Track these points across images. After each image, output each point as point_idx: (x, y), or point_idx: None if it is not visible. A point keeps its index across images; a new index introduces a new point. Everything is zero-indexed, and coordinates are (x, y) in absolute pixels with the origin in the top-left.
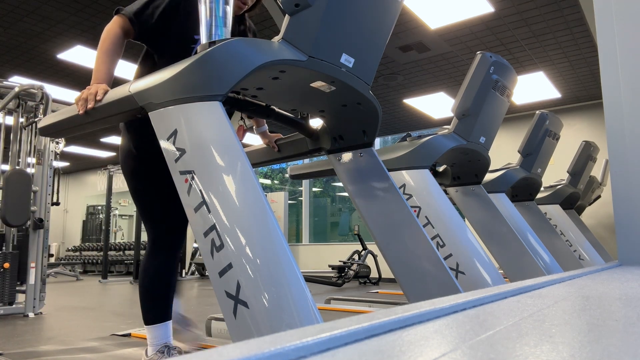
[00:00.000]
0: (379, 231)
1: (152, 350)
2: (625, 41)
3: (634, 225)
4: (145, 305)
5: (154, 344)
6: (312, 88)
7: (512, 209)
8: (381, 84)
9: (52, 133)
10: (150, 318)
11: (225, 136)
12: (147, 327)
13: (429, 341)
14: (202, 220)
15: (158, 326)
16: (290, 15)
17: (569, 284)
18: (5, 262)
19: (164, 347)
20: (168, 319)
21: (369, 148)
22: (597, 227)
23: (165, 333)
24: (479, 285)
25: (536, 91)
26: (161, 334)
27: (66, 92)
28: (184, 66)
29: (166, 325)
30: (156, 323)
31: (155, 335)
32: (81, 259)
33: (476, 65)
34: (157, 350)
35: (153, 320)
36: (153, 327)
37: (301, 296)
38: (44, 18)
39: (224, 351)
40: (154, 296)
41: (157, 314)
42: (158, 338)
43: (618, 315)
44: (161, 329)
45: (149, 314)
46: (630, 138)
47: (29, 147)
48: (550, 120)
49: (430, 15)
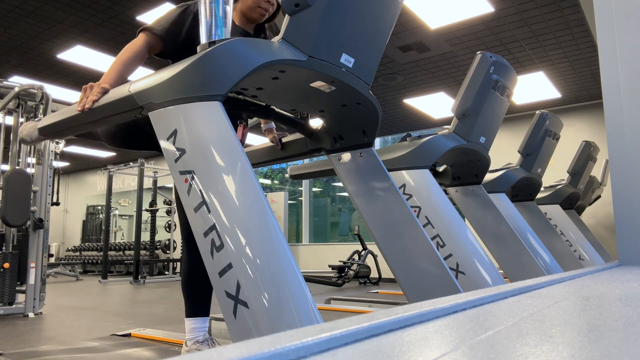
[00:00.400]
0: (379, 231)
1: (192, 341)
2: (625, 41)
3: (634, 225)
4: (190, 298)
5: (194, 336)
6: (312, 88)
7: (512, 209)
8: (381, 84)
9: (52, 133)
10: (192, 311)
11: (225, 136)
12: (188, 319)
13: (429, 341)
14: (202, 220)
15: (199, 319)
16: (290, 15)
17: (569, 284)
18: (5, 262)
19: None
20: (207, 315)
21: (369, 148)
22: (597, 227)
23: (203, 327)
24: (479, 285)
25: (536, 91)
26: (201, 327)
27: (66, 92)
28: (184, 66)
29: (205, 321)
30: (197, 316)
31: (196, 327)
32: (81, 259)
33: (476, 65)
34: (199, 340)
35: (194, 314)
36: (195, 320)
37: (301, 296)
38: (44, 18)
39: (224, 351)
40: (193, 290)
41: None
42: (198, 330)
43: (618, 316)
44: (201, 322)
45: (192, 307)
46: (630, 138)
47: (28, 147)
48: (550, 120)
49: (430, 15)
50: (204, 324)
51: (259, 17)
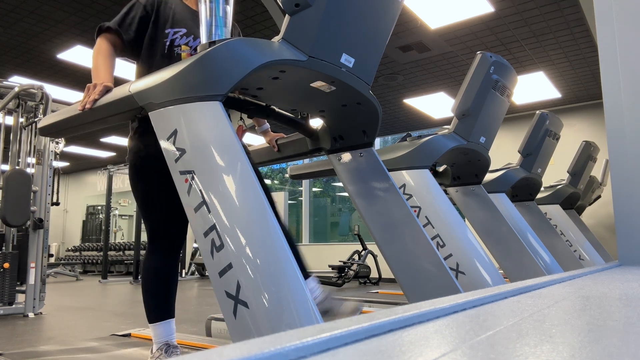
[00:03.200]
0: (379, 231)
1: (155, 348)
2: (625, 41)
3: (634, 225)
4: (147, 304)
5: (156, 342)
6: (312, 88)
7: (512, 209)
8: (381, 84)
9: (52, 133)
10: (152, 316)
11: (225, 136)
12: (150, 325)
13: (429, 341)
14: (202, 220)
15: (160, 324)
16: (290, 15)
17: (569, 284)
18: (5, 262)
19: (164, 345)
20: (169, 317)
21: (369, 148)
22: (597, 227)
23: (166, 331)
24: (479, 285)
25: (536, 91)
26: (163, 332)
27: (66, 92)
28: (184, 66)
29: (168, 324)
30: (157, 321)
31: (157, 333)
32: (81, 259)
33: (476, 65)
34: (158, 347)
35: (154, 319)
36: (155, 325)
37: (301, 296)
38: (44, 18)
39: (224, 351)
40: (155, 295)
41: (158, 312)
42: (160, 336)
43: (618, 316)
44: (163, 327)
45: (151, 312)
46: (630, 138)
47: (28, 147)
48: (550, 120)
49: (430, 15)
50: (169, 326)
51: None
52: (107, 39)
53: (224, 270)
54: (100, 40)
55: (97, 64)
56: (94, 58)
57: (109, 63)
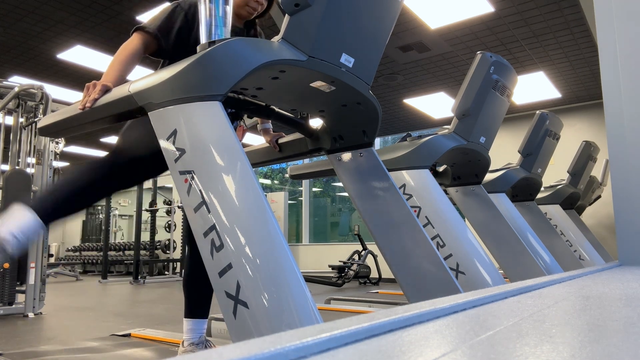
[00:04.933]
0: (379, 231)
1: (187, 343)
2: (625, 41)
3: (634, 225)
4: (186, 298)
5: (188, 338)
6: (312, 88)
7: (512, 209)
8: (381, 84)
9: (51, 133)
10: (187, 312)
11: (225, 136)
12: (184, 319)
13: (429, 341)
14: (201, 220)
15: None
16: (290, 15)
17: (569, 284)
18: (5, 262)
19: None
20: (203, 317)
21: (369, 148)
22: (597, 227)
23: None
24: (479, 285)
25: (536, 91)
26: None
27: (66, 92)
28: (184, 66)
29: (201, 322)
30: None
31: (190, 329)
32: (81, 259)
33: (476, 65)
34: (190, 342)
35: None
36: (188, 321)
37: (301, 296)
38: (44, 18)
39: (224, 351)
40: (193, 291)
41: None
42: (193, 332)
43: (618, 316)
44: (196, 324)
45: (187, 307)
46: (630, 138)
47: (28, 147)
48: (550, 120)
49: (430, 15)
50: (201, 325)
51: (247, 15)
52: (142, 39)
53: (224, 270)
54: (135, 37)
55: (117, 61)
56: (119, 52)
57: (126, 65)
